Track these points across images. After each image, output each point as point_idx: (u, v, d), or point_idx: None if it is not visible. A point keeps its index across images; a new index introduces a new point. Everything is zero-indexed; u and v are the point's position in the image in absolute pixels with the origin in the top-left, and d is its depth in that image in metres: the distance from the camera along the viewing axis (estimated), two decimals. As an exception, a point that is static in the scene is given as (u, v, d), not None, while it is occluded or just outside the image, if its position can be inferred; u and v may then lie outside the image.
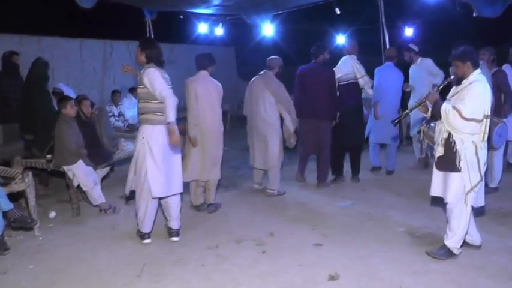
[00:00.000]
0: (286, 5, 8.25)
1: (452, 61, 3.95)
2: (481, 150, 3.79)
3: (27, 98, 5.87)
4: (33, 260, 4.17)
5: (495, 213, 4.99)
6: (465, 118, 3.68)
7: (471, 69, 3.82)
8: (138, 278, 3.78)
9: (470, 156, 3.77)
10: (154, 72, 4.13)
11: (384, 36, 8.04)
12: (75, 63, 9.37)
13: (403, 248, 4.21)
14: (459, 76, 3.89)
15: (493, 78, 5.55)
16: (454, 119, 3.72)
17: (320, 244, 4.34)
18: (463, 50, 3.96)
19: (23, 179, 4.61)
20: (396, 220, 4.93)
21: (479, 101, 3.70)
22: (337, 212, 5.30)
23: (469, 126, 3.71)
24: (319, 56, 6.05)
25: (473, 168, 3.78)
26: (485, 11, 6.92)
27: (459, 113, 3.68)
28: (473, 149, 3.77)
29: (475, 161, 3.78)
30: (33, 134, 5.76)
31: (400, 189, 6.01)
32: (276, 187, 5.92)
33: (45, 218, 5.16)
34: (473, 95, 3.70)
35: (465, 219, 3.86)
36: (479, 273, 3.69)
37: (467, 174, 3.78)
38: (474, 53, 3.93)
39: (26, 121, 5.89)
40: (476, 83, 3.75)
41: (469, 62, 3.81)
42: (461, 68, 3.84)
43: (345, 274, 3.71)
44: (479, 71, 3.86)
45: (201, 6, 8.04)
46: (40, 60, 5.99)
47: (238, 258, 4.08)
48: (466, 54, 3.85)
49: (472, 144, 3.77)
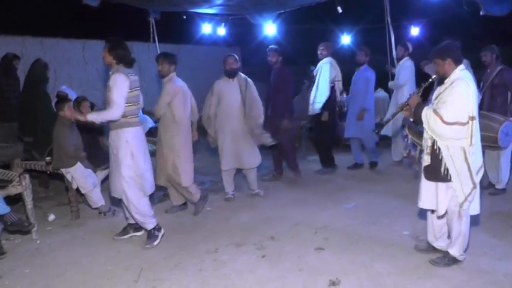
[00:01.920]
0: (289, 4, 8.15)
1: (432, 59, 3.72)
2: (471, 156, 3.52)
3: (27, 100, 5.83)
4: (30, 264, 4.12)
5: (502, 216, 4.86)
6: (447, 123, 3.42)
7: (452, 66, 3.58)
8: (135, 283, 3.71)
9: (459, 163, 3.51)
10: (120, 79, 4.06)
11: (390, 36, 7.93)
12: (78, 64, 9.37)
13: (407, 252, 4.09)
14: (440, 75, 3.66)
15: (498, 76, 5.40)
16: (435, 124, 3.47)
17: (321, 248, 4.24)
18: (443, 46, 3.71)
19: (20, 181, 4.56)
20: (401, 223, 4.81)
21: (462, 103, 3.44)
22: (340, 214, 5.19)
23: (452, 131, 3.45)
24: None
25: (464, 176, 3.53)
26: (493, 9, 6.84)
27: (440, 117, 3.43)
28: (462, 155, 3.50)
29: (465, 169, 3.52)
30: (33, 136, 5.71)
31: (406, 191, 5.86)
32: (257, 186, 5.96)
33: (44, 221, 5.13)
34: (455, 96, 3.45)
35: (465, 227, 3.68)
36: (485, 279, 3.56)
37: (459, 183, 3.54)
38: (455, 48, 3.65)
39: (25, 123, 5.84)
40: (458, 81, 3.49)
41: (450, 58, 3.57)
42: (441, 66, 3.61)
43: (346, 279, 3.61)
44: (462, 67, 3.61)
45: (204, 5, 7.96)
46: (40, 62, 5.95)
47: (237, 263, 3.99)
48: (446, 51, 3.61)
49: (460, 150, 3.50)
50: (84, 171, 5.08)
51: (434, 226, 3.92)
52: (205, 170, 7.17)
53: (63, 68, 8.85)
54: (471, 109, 3.47)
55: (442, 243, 3.91)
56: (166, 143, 5.09)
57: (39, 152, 5.54)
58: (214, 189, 6.21)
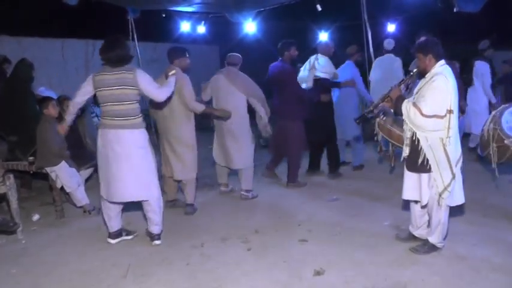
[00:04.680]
0: (268, 2, 8.25)
1: (414, 53, 3.87)
2: (449, 147, 3.62)
3: (11, 99, 5.80)
4: (16, 264, 4.11)
5: (478, 205, 5.02)
6: (426, 115, 3.54)
7: (433, 61, 3.71)
8: (124, 278, 3.75)
9: (438, 154, 3.63)
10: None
11: (367, 33, 8.06)
12: (57, 63, 9.30)
13: (389, 242, 4.23)
14: (421, 69, 3.80)
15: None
16: (414, 117, 3.59)
17: (305, 240, 4.35)
18: (425, 41, 3.87)
19: (4, 181, 4.55)
20: (381, 214, 4.96)
21: (441, 96, 3.56)
22: (322, 207, 5.31)
23: (431, 123, 3.57)
24: (285, 54, 5.95)
25: (443, 166, 3.65)
26: (466, 6, 7.00)
27: (419, 110, 3.55)
28: (441, 146, 3.62)
29: (444, 159, 3.64)
30: (17, 135, 5.69)
31: (386, 183, 6.04)
32: (251, 187, 5.78)
33: (28, 221, 5.10)
34: (434, 90, 3.56)
35: (444, 215, 3.81)
36: (463, 264, 3.72)
37: (438, 173, 3.67)
38: (436, 44, 3.78)
39: (9, 122, 5.81)
40: (438, 76, 3.60)
41: (431, 54, 3.70)
42: (422, 61, 3.75)
43: (330, 269, 3.72)
44: (442, 62, 3.74)
45: (183, 4, 8.00)
46: (25, 62, 5.94)
47: (224, 257, 4.07)
48: (427, 46, 3.75)
49: (439, 140, 3.62)
50: (68, 170, 5.09)
51: (416, 216, 4.06)
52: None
53: (42, 68, 8.72)
54: (449, 103, 3.58)
55: (422, 231, 4.06)
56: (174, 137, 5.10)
57: (23, 151, 5.51)
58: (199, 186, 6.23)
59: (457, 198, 3.81)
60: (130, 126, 4.05)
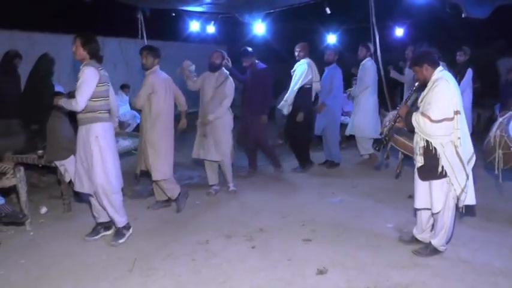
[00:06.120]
0: (277, 4, 8.30)
1: (411, 68, 3.98)
2: (460, 148, 3.68)
3: (33, 92, 6.12)
4: (24, 254, 4.19)
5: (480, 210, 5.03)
6: (435, 121, 3.60)
7: (430, 70, 3.79)
8: (130, 272, 3.82)
9: (451, 157, 3.68)
10: (90, 74, 4.11)
11: (375, 36, 8.09)
12: (66, 59, 9.31)
13: (391, 243, 4.28)
14: (421, 81, 3.87)
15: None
16: (425, 125, 3.65)
17: (309, 239, 4.40)
18: (417, 54, 4.02)
19: (14, 174, 4.63)
20: (384, 216, 5.01)
21: (446, 100, 3.62)
22: (326, 208, 5.37)
23: (442, 128, 3.63)
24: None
25: (458, 168, 3.69)
26: (474, 11, 7.03)
27: (429, 118, 3.62)
28: (453, 149, 3.67)
29: (458, 161, 3.69)
30: (39, 125, 5.83)
31: (388, 186, 6.08)
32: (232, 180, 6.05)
33: (36, 214, 5.18)
34: (438, 95, 3.63)
35: (450, 220, 3.87)
36: (465, 267, 3.77)
37: (454, 177, 3.71)
38: (429, 53, 3.86)
39: (30, 112, 6.04)
40: (439, 81, 3.67)
41: (426, 64, 3.78)
42: (420, 72, 3.84)
43: (333, 268, 3.78)
44: (440, 69, 3.80)
45: (193, 4, 8.06)
46: (47, 56, 6.37)
47: (228, 253, 4.13)
48: (420, 58, 3.85)
49: (451, 144, 3.67)
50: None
51: (422, 220, 4.11)
52: (194, 165, 7.26)
53: (52, 63, 8.83)
54: (455, 104, 3.65)
55: (426, 235, 4.12)
56: (143, 135, 5.16)
57: (43, 138, 5.59)
58: (203, 184, 6.29)
59: (468, 197, 3.83)
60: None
